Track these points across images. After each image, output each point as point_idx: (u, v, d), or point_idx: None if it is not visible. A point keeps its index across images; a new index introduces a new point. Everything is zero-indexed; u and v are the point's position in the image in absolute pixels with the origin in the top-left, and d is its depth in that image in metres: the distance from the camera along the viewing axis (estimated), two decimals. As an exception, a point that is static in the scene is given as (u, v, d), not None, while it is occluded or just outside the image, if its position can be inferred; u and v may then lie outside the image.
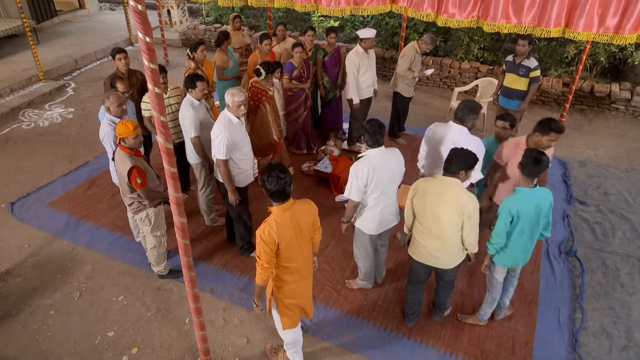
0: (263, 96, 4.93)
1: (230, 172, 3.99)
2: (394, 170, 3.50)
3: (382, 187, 3.46)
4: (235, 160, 4.00)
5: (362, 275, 4.08)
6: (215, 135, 3.89)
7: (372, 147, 3.40)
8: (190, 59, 5.60)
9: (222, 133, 3.81)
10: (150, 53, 2.12)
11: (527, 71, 5.47)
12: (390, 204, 3.63)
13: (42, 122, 7.16)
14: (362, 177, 3.38)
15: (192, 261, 2.89)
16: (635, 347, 3.74)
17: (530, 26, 5.19)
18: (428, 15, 5.69)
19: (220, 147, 3.84)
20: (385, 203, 3.56)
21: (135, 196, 3.76)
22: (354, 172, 3.41)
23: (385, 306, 4.02)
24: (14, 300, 4.10)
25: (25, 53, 8.87)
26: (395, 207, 3.70)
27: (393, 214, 3.71)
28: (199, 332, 3.26)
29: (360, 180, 3.39)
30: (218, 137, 3.85)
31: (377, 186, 3.44)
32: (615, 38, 4.94)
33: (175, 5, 10.41)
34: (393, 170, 3.49)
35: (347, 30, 9.70)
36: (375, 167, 3.37)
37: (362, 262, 3.95)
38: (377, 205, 3.55)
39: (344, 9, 5.87)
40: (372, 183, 3.41)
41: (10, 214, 5.13)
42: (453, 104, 7.06)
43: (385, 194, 3.52)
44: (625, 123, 7.34)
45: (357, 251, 3.93)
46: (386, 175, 3.44)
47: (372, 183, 3.41)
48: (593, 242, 4.85)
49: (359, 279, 4.13)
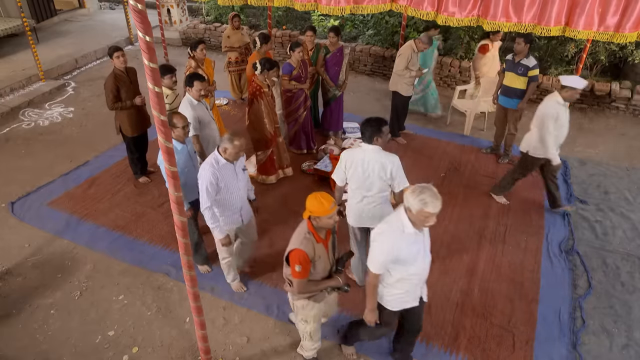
0: (257, 91, 5.05)
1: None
2: (370, 170, 3.50)
3: (358, 181, 3.59)
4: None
5: (352, 265, 4.15)
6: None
7: (364, 141, 3.55)
8: (191, 57, 5.60)
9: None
10: (150, 52, 2.12)
11: (526, 70, 5.46)
12: (370, 202, 3.63)
13: (42, 121, 7.15)
14: (341, 164, 3.64)
15: (192, 260, 2.89)
16: (636, 345, 3.74)
17: (530, 25, 5.19)
18: (428, 14, 5.69)
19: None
20: (362, 198, 3.64)
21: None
22: (341, 156, 3.69)
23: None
24: (14, 299, 4.10)
25: (25, 52, 8.86)
26: (377, 210, 3.65)
27: (375, 216, 3.64)
28: (200, 331, 3.26)
29: (340, 165, 3.65)
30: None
31: (352, 178, 3.62)
32: (616, 37, 4.94)
33: (175, 4, 10.40)
34: (369, 170, 3.50)
35: (347, 29, 9.69)
36: (353, 160, 3.55)
37: (354, 251, 3.97)
38: (354, 197, 3.70)
39: (344, 8, 5.87)
40: (349, 173, 3.61)
41: (10, 214, 5.12)
42: (454, 103, 7.05)
43: (361, 189, 3.61)
44: (626, 122, 7.34)
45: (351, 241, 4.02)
46: (359, 172, 3.55)
47: (349, 173, 3.61)
48: (593, 240, 4.85)
49: (352, 266, 4.19)
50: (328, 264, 3.01)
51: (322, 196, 2.82)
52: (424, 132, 6.86)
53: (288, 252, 2.89)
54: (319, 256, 2.90)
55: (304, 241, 2.83)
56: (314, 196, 2.84)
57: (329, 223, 2.84)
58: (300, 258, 2.81)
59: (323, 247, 2.93)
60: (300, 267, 2.82)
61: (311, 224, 2.87)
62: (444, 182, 5.70)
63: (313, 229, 2.87)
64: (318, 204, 2.79)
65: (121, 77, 4.95)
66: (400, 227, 2.72)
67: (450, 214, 5.13)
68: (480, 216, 5.12)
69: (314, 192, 2.87)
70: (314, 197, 2.83)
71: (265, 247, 4.51)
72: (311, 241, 2.85)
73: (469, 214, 5.16)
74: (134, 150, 5.39)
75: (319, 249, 2.89)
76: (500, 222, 5.04)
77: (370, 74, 9.06)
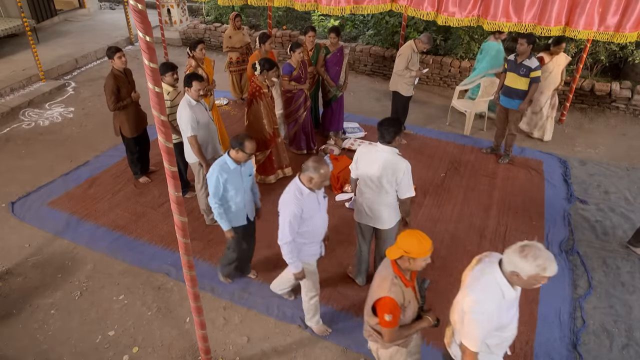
0: (256, 92, 5.06)
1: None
2: (381, 171, 3.51)
3: (366, 180, 3.64)
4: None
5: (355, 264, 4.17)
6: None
7: (382, 142, 3.55)
8: (190, 57, 5.61)
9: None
10: (151, 52, 2.12)
11: (528, 71, 5.45)
12: (370, 199, 3.67)
13: (42, 121, 7.16)
14: (355, 157, 3.73)
15: (192, 260, 2.89)
16: (636, 345, 3.74)
17: (530, 25, 5.19)
18: (428, 14, 5.69)
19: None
20: (365, 194, 3.70)
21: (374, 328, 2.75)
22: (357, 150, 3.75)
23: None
24: (14, 299, 4.10)
25: (26, 52, 8.87)
26: (375, 207, 3.69)
27: (372, 213, 3.72)
28: (200, 331, 3.26)
29: (354, 160, 3.75)
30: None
31: (361, 176, 3.68)
32: (616, 36, 4.94)
33: (175, 4, 10.41)
34: (380, 170, 3.52)
35: (347, 29, 9.69)
36: (366, 158, 3.63)
37: (361, 246, 4.06)
38: (360, 193, 3.76)
39: (344, 8, 5.88)
40: (359, 170, 3.69)
41: (10, 214, 5.13)
42: (454, 103, 7.05)
43: (368, 187, 3.65)
44: (626, 122, 7.34)
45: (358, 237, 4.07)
46: (362, 169, 3.65)
47: (359, 170, 3.69)
48: (593, 240, 4.84)
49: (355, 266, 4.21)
50: (416, 305, 2.72)
51: (420, 235, 2.51)
52: (424, 132, 6.86)
53: (375, 300, 2.59)
54: (408, 301, 2.59)
55: (393, 288, 2.52)
56: (413, 235, 2.51)
57: (421, 265, 2.53)
58: (391, 306, 2.51)
59: (411, 290, 2.64)
60: (391, 317, 2.52)
61: (397, 267, 2.57)
62: (444, 182, 5.70)
63: (400, 272, 2.57)
64: (418, 245, 2.46)
65: (120, 78, 4.96)
66: (500, 294, 2.37)
67: (450, 214, 5.13)
68: (480, 216, 5.12)
69: (408, 230, 2.58)
70: (413, 236, 2.51)
71: (264, 247, 4.51)
72: (399, 286, 2.54)
73: (469, 213, 5.16)
74: (134, 151, 5.39)
75: (408, 294, 2.59)
76: (500, 222, 5.04)
77: (370, 74, 9.07)
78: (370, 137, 6.62)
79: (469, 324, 2.40)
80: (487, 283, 2.40)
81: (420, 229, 2.67)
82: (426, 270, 4.44)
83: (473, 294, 2.40)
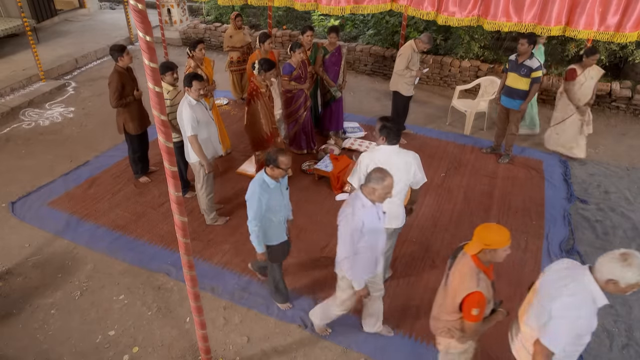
0: (255, 91, 5.05)
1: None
2: (395, 170, 3.44)
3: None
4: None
5: None
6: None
7: (387, 144, 3.50)
8: (190, 57, 5.61)
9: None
10: (151, 52, 2.12)
11: (529, 71, 5.44)
12: (392, 202, 3.57)
13: (42, 121, 7.16)
14: (360, 167, 3.53)
15: (192, 260, 2.89)
16: (636, 345, 3.74)
17: (530, 24, 5.20)
18: (428, 14, 5.70)
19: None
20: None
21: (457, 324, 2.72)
22: (359, 159, 3.61)
23: (386, 305, 4.01)
24: (14, 299, 4.10)
25: (26, 52, 8.87)
26: (399, 210, 3.67)
27: (397, 216, 3.67)
28: (200, 331, 3.26)
29: (359, 168, 3.54)
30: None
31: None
32: (616, 36, 4.95)
33: (176, 4, 10.41)
34: (393, 170, 3.44)
35: (347, 29, 9.69)
36: (376, 163, 3.39)
37: None
38: None
39: (344, 8, 5.89)
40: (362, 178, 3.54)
41: (10, 214, 5.13)
42: (454, 103, 7.05)
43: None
44: (626, 121, 7.34)
45: None
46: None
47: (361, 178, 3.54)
48: (594, 240, 4.84)
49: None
50: (492, 300, 2.71)
51: (497, 226, 2.55)
52: (424, 132, 6.86)
53: (464, 296, 2.54)
54: (492, 295, 2.61)
55: (481, 283, 2.51)
56: (491, 228, 2.54)
57: (502, 256, 2.53)
58: (480, 301, 2.51)
59: (491, 284, 2.64)
60: (478, 311, 2.53)
61: (479, 261, 2.55)
62: (445, 181, 5.70)
63: (483, 266, 2.56)
64: (498, 236, 2.48)
65: (124, 75, 4.98)
66: (590, 299, 2.34)
67: (451, 214, 5.12)
68: (481, 216, 5.11)
69: (485, 224, 2.60)
70: (491, 228, 2.54)
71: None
72: (484, 280, 2.54)
73: (469, 213, 5.16)
74: (137, 149, 5.40)
75: (490, 288, 2.61)
76: (500, 222, 5.03)
77: (370, 74, 9.06)
78: (371, 137, 6.62)
79: (559, 325, 2.40)
80: (574, 288, 2.39)
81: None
82: (426, 269, 4.47)
83: (564, 298, 2.40)
